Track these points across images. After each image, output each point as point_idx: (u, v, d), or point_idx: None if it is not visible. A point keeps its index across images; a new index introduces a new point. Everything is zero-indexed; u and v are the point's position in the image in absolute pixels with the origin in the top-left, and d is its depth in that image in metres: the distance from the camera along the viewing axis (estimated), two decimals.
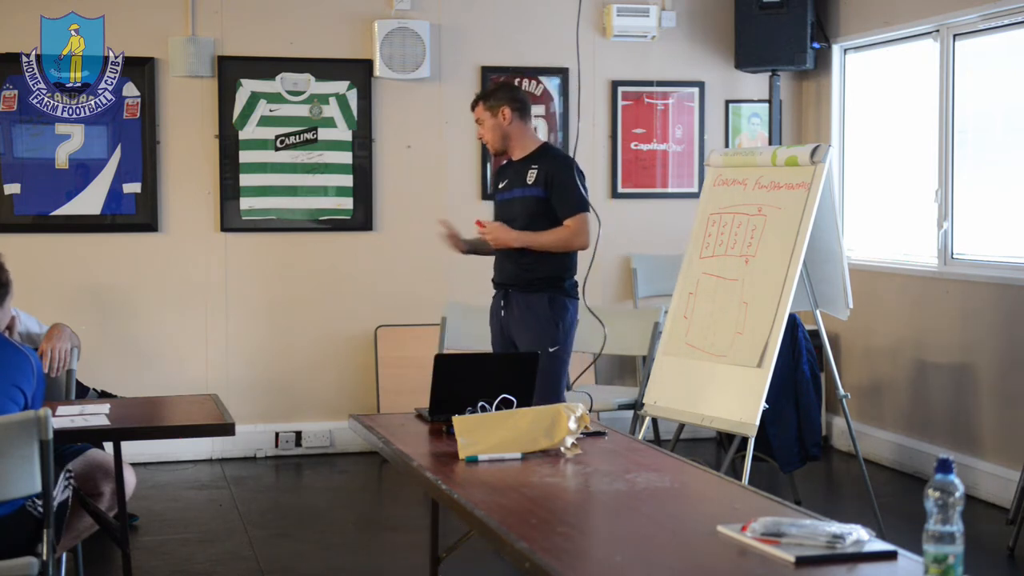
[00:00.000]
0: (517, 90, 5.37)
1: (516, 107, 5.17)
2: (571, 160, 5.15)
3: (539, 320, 5.08)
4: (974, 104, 6.25)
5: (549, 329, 5.07)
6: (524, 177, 5.13)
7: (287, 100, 6.94)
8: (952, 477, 2.09)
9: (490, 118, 5.18)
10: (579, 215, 5.07)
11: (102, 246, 6.77)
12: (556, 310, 5.08)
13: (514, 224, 5.14)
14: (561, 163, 5.14)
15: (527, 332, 5.09)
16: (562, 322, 5.09)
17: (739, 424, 5.01)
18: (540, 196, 5.09)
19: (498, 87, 5.36)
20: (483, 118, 5.21)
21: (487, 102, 5.19)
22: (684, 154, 7.52)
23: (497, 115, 5.16)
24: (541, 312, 5.08)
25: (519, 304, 5.13)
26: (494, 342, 5.30)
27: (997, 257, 6.07)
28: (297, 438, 7.00)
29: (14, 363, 3.63)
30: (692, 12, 7.46)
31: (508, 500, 2.92)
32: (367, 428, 3.82)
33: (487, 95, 5.24)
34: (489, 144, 5.27)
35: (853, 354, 7.10)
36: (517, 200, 5.16)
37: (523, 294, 5.12)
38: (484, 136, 5.25)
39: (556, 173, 5.10)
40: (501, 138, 5.18)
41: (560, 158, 5.21)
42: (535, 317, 5.08)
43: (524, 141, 5.19)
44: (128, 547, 4.18)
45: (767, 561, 2.42)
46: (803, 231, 5.06)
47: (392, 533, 5.59)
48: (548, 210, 5.09)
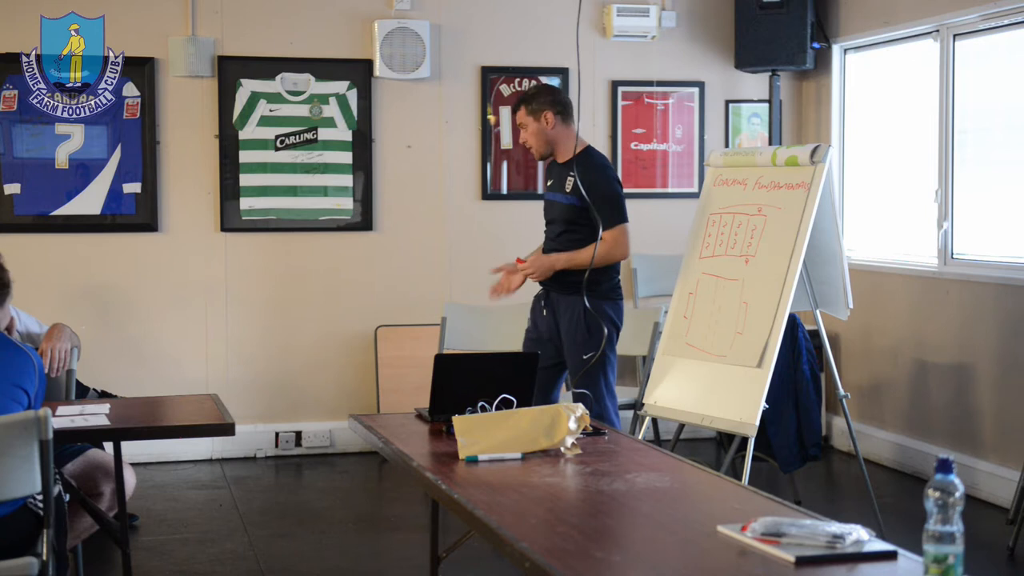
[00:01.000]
0: (559, 92, 5.31)
1: (559, 110, 5.10)
2: (609, 168, 5.14)
3: (575, 325, 5.05)
4: (974, 104, 6.25)
5: (581, 335, 5.03)
6: (563, 183, 5.09)
7: (287, 100, 6.94)
8: (952, 477, 2.09)
9: (533, 122, 5.11)
10: (618, 227, 5.02)
11: (102, 246, 6.77)
12: (590, 315, 5.02)
13: (554, 225, 5.15)
14: (599, 173, 5.07)
15: (569, 338, 5.07)
16: (596, 328, 5.02)
17: (739, 424, 5.01)
18: (575, 205, 5.05)
19: (539, 90, 5.23)
20: (526, 123, 5.13)
21: (529, 106, 5.11)
22: (684, 154, 7.52)
23: (540, 119, 5.09)
24: (577, 317, 5.04)
25: (561, 306, 5.11)
26: (528, 336, 5.28)
27: (997, 257, 6.07)
28: (297, 438, 7.00)
29: (16, 363, 3.63)
30: (692, 12, 7.46)
31: (508, 500, 2.92)
32: (367, 428, 3.82)
33: (529, 99, 5.14)
34: (533, 149, 5.18)
35: (853, 354, 7.10)
36: (558, 204, 5.13)
37: (564, 295, 5.10)
38: (528, 141, 5.18)
39: (593, 183, 5.03)
40: (545, 143, 5.13)
41: (598, 168, 5.11)
42: (572, 322, 5.06)
43: (567, 144, 5.11)
44: (128, 547, 4.18)
45: (767, 561, 2.42)
46: (803, 231, 5.06)
47: (392, 533, 5.59)
48: (584, 218, 5.05)
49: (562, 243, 5.11)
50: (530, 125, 5.12)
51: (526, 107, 5.13)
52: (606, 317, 5.05)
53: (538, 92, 5.18)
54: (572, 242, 5.08)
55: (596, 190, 5.02)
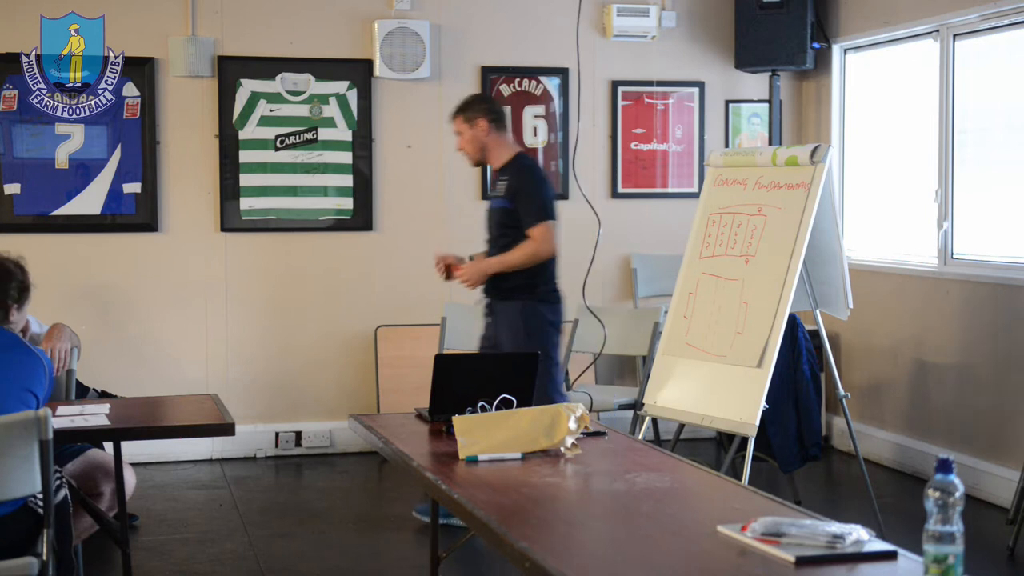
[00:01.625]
0: (493, 101, 5.53)
1: (493, 118, 5.33)
2: (536, 169, 5.33)
3: (513, 330, 5.20)
4: (974, 104, 6.25)
5: (520, 339, 5.16)
6: (497, 187, 5.31)
7: (287, 100, 6.94)
8: (952, 477, 2.09)
9: (468, 130, 5.32)
10: (541, 224, 5.19)
11: (102, 246, 6.77)
12: (527, 318, 5.20)
13: (491, 230, 5.32)
14: (525, 173, 5.27)
15: (506, 342, 5.22)
16: (535, 331, 5.17)
17: (739, 424, 5.01)
18: (507, 207, 5.23)
19: (474, 99, 5.48)
20: (462, 130, 5.35)
21: (464, 114, 5.33)
22: (684, 154, 7.52)
23: (475, 127, 5.31)
24: (514, 321, 5.21)
25: (499, 313, 5.29)
26: (482, 345, 5.43)
27: (997, 257, 6.07)
28: (297, 438, 7.00)
29: (28, 366, 3.65)
30: (692, 12, 7.46)
31: (508, 500, 2.92)
32: (367, 428, 3.82)
33: (464, 107, 5.37)
34: (468, 156, 5.41)
35: (853, 354, 7.10)
36: (495, 210, 5.32)
37: (501, 303, 5.26)
38: (463, 147, 5.39)
39: (520, 183, 5.24)
40: (479, 149, 5.35)
41: (525, 168, 5.32)
42: (510, 327, 5.22)
43: (501, 151, 5.33)
44: (128, 547, 4.18)
45: (767, 561, 2.42)
46: (803, 231, 5.06)
47: (392, 533, 5.59)
48: (516, 220, 5.21)
49: (499, 247, 5.28)
50: (465, 133, 5.33)
51: (461, 115, 5.35)
52: (544, 319, 5.21)
53: (473, 101, 5.43)
54: (506, 246, 5.24)
55: (522, 190, 5.22)
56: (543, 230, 5.20)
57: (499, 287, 5.26)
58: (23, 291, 3.84)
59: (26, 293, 3.85)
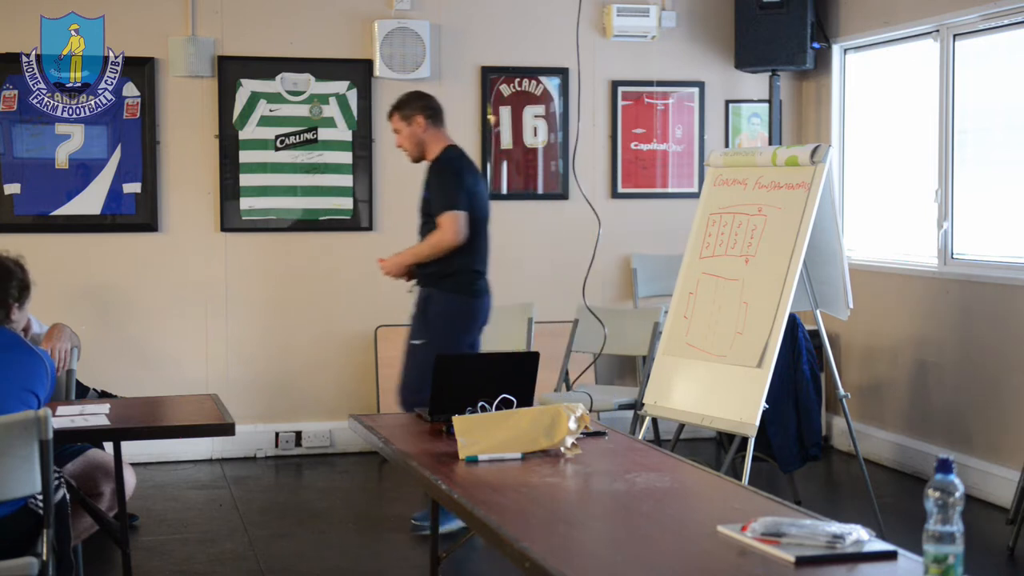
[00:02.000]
0: (430, 98, 5.61)
1: (429, 115, 5.46)
2: (454, 162, 5.43)
3: (419, 315, 5.42)
4: (974, 104, 6.24)
5: (419, 324, 5.40)
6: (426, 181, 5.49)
7: (287, 100, 6.94)
8: (952, 477, 2.09)
9: (406, 127, 5.45)
10: (446, 213, 5.32)
11: (102, 246, 6.77)
12: (431, 304, 5.38)
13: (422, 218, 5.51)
14: (442, 164, 5.43)
15: (413, 327, 5.45)
16: (434, 317, 5.36)
17: (739, 424, 5.01)
18: (427, 198, 5.45)
19: (410, 97, 5.56)
20: (400, 127, 5.48)
21: (402, 111, 5.46)
22: (684, 154, 7.52)
23: (412, 124, 5.44)
24: (421, 306, 5.43)
25: (417, 298, 5.51)
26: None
27: (997, 257, 6.07)
28: (297, 438, 7.00)
29: (29, 366, 3.65)
30: (692, 12, 7.46)
31: (508, 500, 2.92)
32: (367, 428, 3.82)
33: (401, 105, 5.49)
34: (407, 152, 5.53)
35: (853, 354, 7.10)
36: (422, 201, 5.52)
37: (421, 288, 5.48)
38: (402, 144, 5.51)
39: (432, 175, 5.44)
40: (417, 146, 5.47)
41: (442, 161, 5.45)
42: (418, 312, 5.45)
43: (435, 146, 5.46)
44: (128, 547, 4.18)
45: (767, 561, 2.42)
46: (803, 231, 5.06)
47: (392, 533, 5.59)
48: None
49: (422, 236, 5.48)
50: (403, 130, 5.46)
51: (399, 113, 5.47)
52: (449, 308, 5.35)
53: (410, 98, 5.53)
54: (428, 235, 5.43)
55: (433, 181, 5.43)
56: (447, 219, 5.32)
57: (419, 275, 5.44)
58: (24, 289, 3.84)
59: (26, 291, 3.86)
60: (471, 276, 5.40)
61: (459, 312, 5.38)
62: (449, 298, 5.37)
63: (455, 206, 5.31)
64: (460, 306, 5.38)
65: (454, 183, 5.36)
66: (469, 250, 5.38)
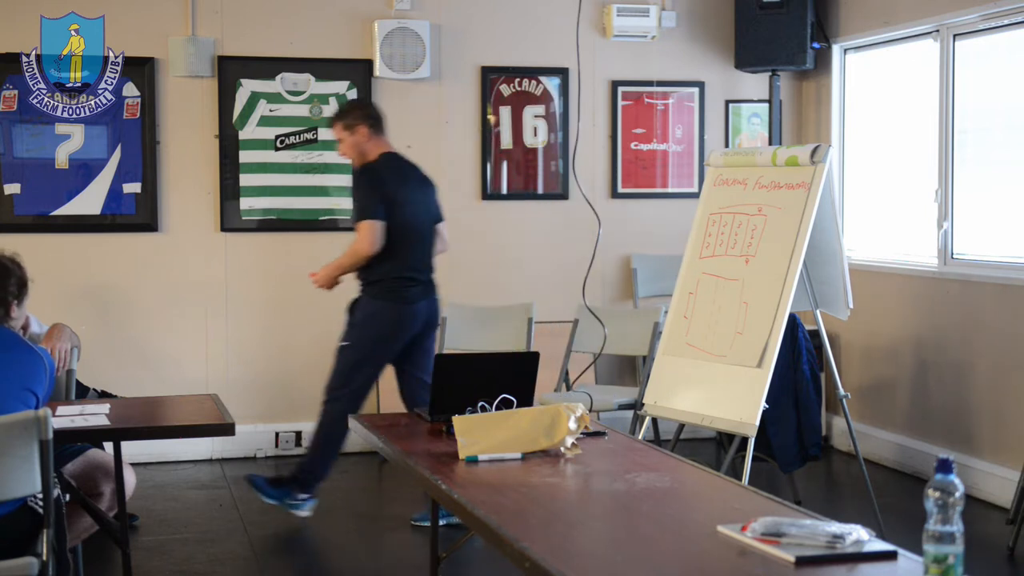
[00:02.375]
0: (371, 106, 5.75)
1: (371, 124, 5.54)
2: (375, 172, 5.49)
3: (349, 315, 5.57)
4: (974, 104, 6.24)
5: (348, 325, 5.56)
6: None
7: (287, 100, 6.94)
8: (952, 477, 2.09)
9: (349, 136, 5.52)
10: (361, 223, 5.42)
11: (102, 246, 6.77)
12: (358, 309, 5.53)
13: None
14: (360, 176, 5.54)
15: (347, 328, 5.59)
16: (359, 321, 5.50)
17: (739, 424, 5.01)
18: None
19: (352, 106, 5.71)
20: (342, 137, 5.54)
21: (344, 121, 5.53)
22: (684, 154, 7.52)
23: (355, 133, 5.51)
24: (350, 309, 5.58)
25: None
26: None
27: (997, 257, 6.07)
28: (297, 438, 7.00)
29: (29, 365, 3.64)
30: (692, 12, 7.46)
31: (508, 500, 2.92)
32: (367, 428, 3.82)
33: (343, 115, 5.58)
34: (351, 160, 5.59)
35: (853, 354, 7.10)
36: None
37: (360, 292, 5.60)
38: (345, 153, 5.59)
39: (353, 184, 5.63)
40: (360, 154, 5.52)
41: (363, 171, 5.53)
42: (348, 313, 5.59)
43: (375, 154, 5.52)
44: (128, 547, 4.18)
45: (767, 561, 2.42)
46: (803, 231, 5.06)
47: (392, 533, 5.59)
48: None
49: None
50: (347, 139, 5.53)
51: (342, 123, 5.55)
52: (370, 315, 5.46)
53: (351, 108, 5.66)
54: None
55: (353, 190, 5.62)
56: (361, 228, 5.40)
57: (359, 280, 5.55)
58: (22, 287, 3.84)
59: (25, 289, 3.85)
60: (397, 283, 5.47)
61: (382, 318, 5.48)
62: (374, 304, 5.48)
63: (369, 215, 5.40)
64: (384, 312, 5.47)
65: (370, 193, 5.44)
66: (394, 257, 5.45)
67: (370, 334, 5.49)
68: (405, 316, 5.49)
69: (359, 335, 5.51)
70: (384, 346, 5.51)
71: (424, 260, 5.57)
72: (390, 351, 5.53)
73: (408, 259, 5.49)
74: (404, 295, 5.47)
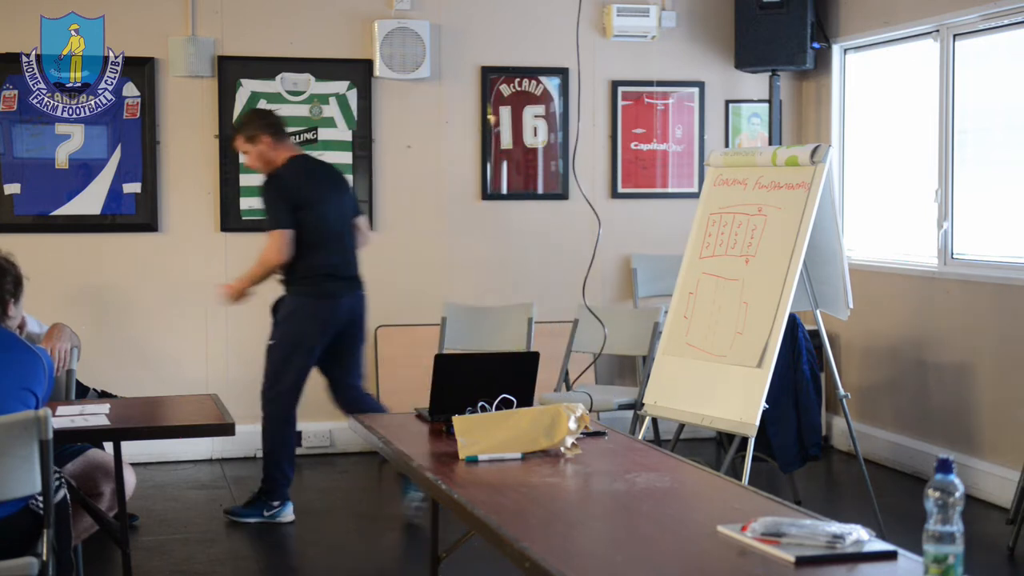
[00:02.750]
0: (269, 114, 5.83)
1: (272, 132, 5.64)
2: (281, 179, 5.65)
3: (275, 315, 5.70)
4: (974, 104, 6.24)
5: (274, 325, 5.69)
6: None
7: (287, 100, 6.94)
8: (952, 477, 2.09)
9: (252, 148, 5.63)
10: (270, 232, 5.55)
11: (102, 246, 6.77)
12: (280, 307, 5.67)
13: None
14: (267, 184, 5.65)
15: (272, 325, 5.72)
16: (281, 319, 5.65)
17: (739, 424, 5.01)
18: None
19: (251, 117, 5.77)
20: (246, 149, 5.66)
21: (245, 133, 5.64)
22: (684, 154, 7.52)
23: (258, 143, 5.61)
24: (273, 308, 5.71)
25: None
26: None
27: (997, 257, 6.07)
28: (297, 438, 6.98)
29: (28, 365, 3.63)
30: (692, 12, 7.46)
31: (508, 500, 2.92)
32: (367, 428, 3.82)
33: (243, 127, 5.69)
34: (258, 169, 5.70)
35: (853, 354, 7.10)
36: None
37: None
38: (252, 165, 5.70)
39: (261, 193, 5.73)
40: (266, 163, 5.62)
41: (270, 178, 5.65)
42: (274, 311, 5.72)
43: (280, 160, 5.63)
44: (128, 547, 4.18)
45: (767, 561, 2.42)
46: (803, 231, 5.06)
47: (392, 533, 5.59)
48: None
49: None
50: (250, 151, 5.64)
51: (243, 135, 5.65)
52: (290, 312, 5.61)
53: (251, 119, 5.73)
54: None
55: (262, 200, 5.69)
56: (270, 238, 5.54)
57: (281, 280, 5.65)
58: (18, 285, 3.83)
59: (20, 287, 3.84)
60: (317, 279, 5.60)
61: (303, 313, 5.60)
62: (296, 300, 5.61)
63: (277, 224, 5.52)
64: (305, 307, 5.60)
65: (276, 201, 5.56)
66: (311, 256, 5.57)
67: (293, 329, 5.62)
68: (326, 310, 5.62)
69: (283, 332, 5.64)
70: (309, 340, 5.63)
71: (343, 256, 5.72)
72: (316, 344, 5.65)
73: (326, 256, 5.62)
74: (324, 290, 5.60)
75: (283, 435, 5.70)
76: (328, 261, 5.63)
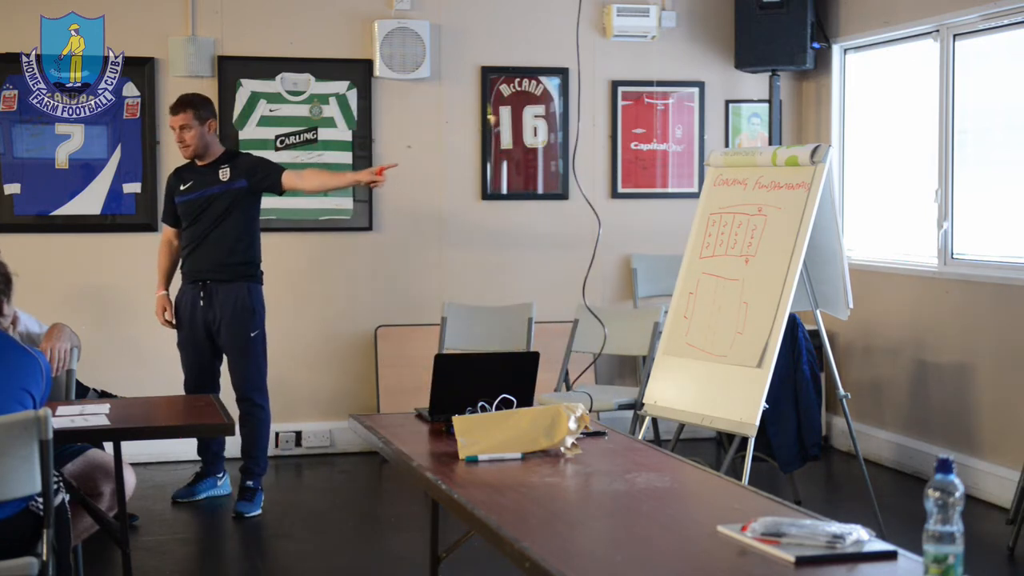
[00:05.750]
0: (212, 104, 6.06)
1: (217, 122, 5.97)
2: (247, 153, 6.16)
3: (244, 309, 5.84)
4: (974, 104, 6.25)
5: (248, 316, 5.85)
6: (216, 176, 5.83)
7: (287, 100, 6.94)
8: (952, 477, 2.09)
9: (199, 126, 5.82)
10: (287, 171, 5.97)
11: (102, 246, 6.76)
12: (254, 297, 5.88)
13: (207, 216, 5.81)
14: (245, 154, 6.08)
15: (236, 320, 5.84)
16: (260, 308, 5.91)
17: (739, 424, 5.01)
18: (244, 186, 5.83)
19: (205, 99, 5.92)
20: (191, 124, 5.81)
21: (198, 112, 5.82)
22: (684, 154, 7.52)
23: (205, 125, 5.84)
24: (242, 300, 5.84)
25: (220, 295, 5.83)
26: (189, 337, 5.94)
27: (997, 257, 6.07)
28: (297, 438, 7.00)
29: (23, 366, 3.63)
30: (692, 12, 7.46)
31: (508, 500, 2.92)
32: (367, 428, 3.82)
33: (197, 105, 5.84)
34: (192, 148, 5.84)
35: (853, 354, 7.10)
36: (216, 195, 5.82)
37: (223, 284, 5.84)
38: (188, 141, 5.83)
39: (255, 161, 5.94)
40: (204, 146, 5.84)
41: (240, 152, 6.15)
42: (239, 307, 5.84)
43: (215, 149, 5.91)
44: (128, 547, 4.18)
45: (767, 561, 2.42)
46: (803, 231, 5.06)
47: (392, 533, 5.59)
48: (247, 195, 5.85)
49: (228, 226, 5.82)
50: (196, 128, 5.81)
51: (194, 112, 5.82)
52: (261, 300, 5.93)
53: (205, 101, 5.90)
54: (240, 220, 5.83)
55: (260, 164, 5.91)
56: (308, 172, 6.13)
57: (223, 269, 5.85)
58: (8, 283, 3.82)
59: (10, 285, 3.83)
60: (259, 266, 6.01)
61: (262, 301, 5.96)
62: (257, 288, 5.97)
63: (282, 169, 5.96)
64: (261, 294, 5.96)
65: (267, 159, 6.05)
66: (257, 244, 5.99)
67: (263, 317, 5.94)
68: (182, 299, 5.95)
69: (260, 320, 5.93)
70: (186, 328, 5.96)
71: (190, 248, 5.94)
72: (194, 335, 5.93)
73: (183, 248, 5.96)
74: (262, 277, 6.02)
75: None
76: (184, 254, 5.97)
